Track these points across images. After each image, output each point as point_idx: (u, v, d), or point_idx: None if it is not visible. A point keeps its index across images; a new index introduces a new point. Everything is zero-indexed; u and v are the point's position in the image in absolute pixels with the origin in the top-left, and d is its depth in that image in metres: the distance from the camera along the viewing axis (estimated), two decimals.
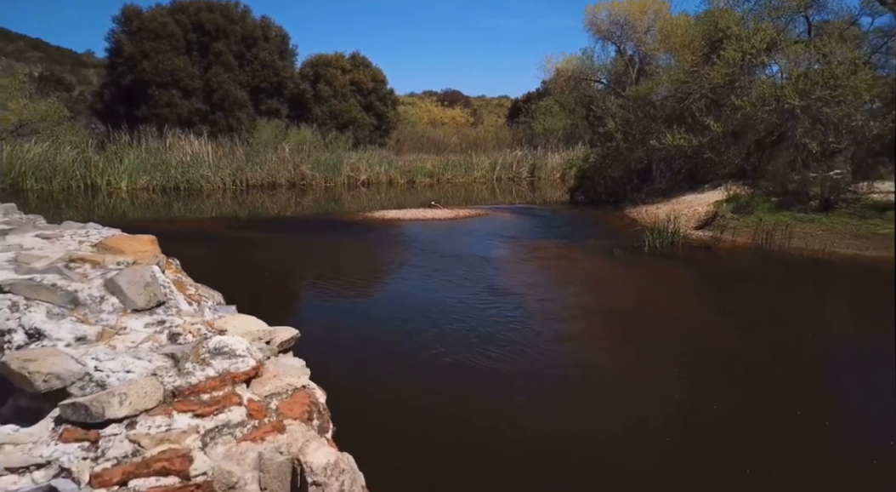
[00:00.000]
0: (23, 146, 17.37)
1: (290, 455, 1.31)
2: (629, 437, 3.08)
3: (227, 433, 1.28)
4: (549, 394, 3.62)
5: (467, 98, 41.54)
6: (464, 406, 3.37)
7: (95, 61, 30.18)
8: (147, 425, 1.21)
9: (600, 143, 15.60)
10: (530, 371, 3.94)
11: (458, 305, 5.51)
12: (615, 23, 24.26)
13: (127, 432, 1.19)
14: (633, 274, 7.28)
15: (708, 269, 7.64)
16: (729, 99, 12.42)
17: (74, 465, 1.14)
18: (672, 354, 4.28)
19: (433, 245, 8.89)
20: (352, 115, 23.44)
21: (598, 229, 10.80)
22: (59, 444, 1.17)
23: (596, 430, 3.17)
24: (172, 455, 1.18)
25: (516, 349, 4.30)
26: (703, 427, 3.19)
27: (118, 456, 1.16)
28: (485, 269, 7.17)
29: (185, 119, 20.52)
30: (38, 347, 1.28)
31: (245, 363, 1.40)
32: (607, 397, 3.65)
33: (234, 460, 1.24)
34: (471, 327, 4.80)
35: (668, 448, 2.94)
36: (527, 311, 5.44)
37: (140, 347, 1.34)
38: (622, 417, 3.32)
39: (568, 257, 8.19)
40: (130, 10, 21.08)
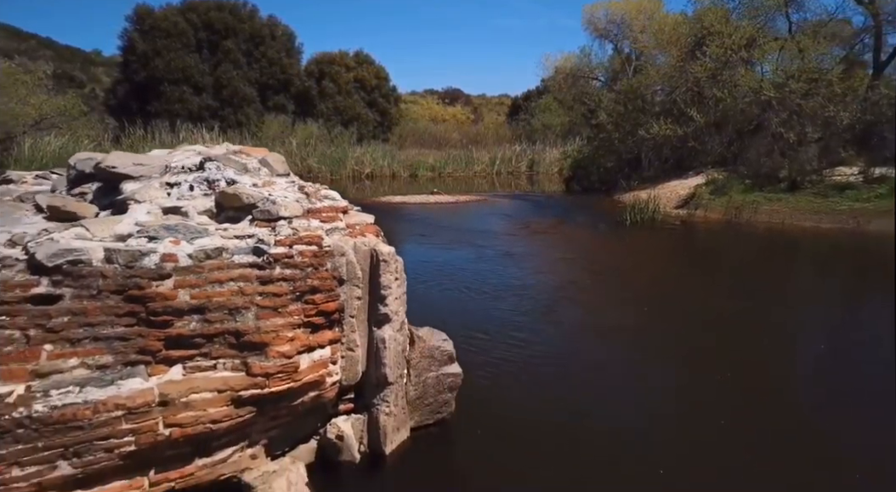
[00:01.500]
0: (43, 139, 18.62)
1: (370, 246, 2.50)
2: (585, 337, 4.28)
3: (337, 232, 2.47)
4: (529, 306, 4.82)
5: (468, 96, 42.85)
6: (464, 303, 4.58)
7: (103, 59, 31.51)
8: (298, 222, 2.39)
9: (593, 134, 16.79)
10: (513, 293, 5.15)
11: (457, 261, 6.71)
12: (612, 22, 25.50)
13: (288, 224, 2.37)
14: (612, 240, 8.47)
15: (678, 236, 8.83)
16: (711, 92, 13.63)
17: (265, 237, 2.32)
18: (633, 290, 5.49)
19: (437, 221, 10.08)
20: (356, 112, 24.67)
21: (588, 211, 11.98)
22: (256, 228, 2.35)
23: (558, 330, 4.37)
24: (313, 235, 2.37)
25: (506, 283, 5.51)
26: (653, 333, 4.39)
27: (286, 234, 2.34)
28: (483, 238, 8.36)
29: (195, 115, 21.73)
30: (237, 186, 2.46)
31: (341, 202, 2.59)
32: (571, 310, 4.85)
33: (343, 242, 2.42)
34: (470, 273, 6.00)
35: (624, 346, 4.14)
36: (516, 264, 6.63)
37: (287, 189, 2.53)
38: (577, 322, 4.52)
39: (557, 230, 9.37)
40: (143, 10, 22.35)
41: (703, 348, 3.99)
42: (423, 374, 2.77)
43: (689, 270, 6.67)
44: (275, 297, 2.26)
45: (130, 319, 2.09)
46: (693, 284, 5.83)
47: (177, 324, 2.12)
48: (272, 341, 2.23)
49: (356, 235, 2.54)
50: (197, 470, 2.18)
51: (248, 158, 2.75)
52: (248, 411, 2.20)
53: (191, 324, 2.14)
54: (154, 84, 21.78)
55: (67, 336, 2.02)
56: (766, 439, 2.75)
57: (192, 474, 2.17)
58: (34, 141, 18.40)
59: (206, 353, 2.17)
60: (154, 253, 2.11)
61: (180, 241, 2.17)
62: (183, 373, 2.14)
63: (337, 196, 2.67)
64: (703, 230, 9.31)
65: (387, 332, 2.55)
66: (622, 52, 25.50)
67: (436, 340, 2.82)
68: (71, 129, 19.30)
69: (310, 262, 2.33)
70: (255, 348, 2.21)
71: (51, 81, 22.65)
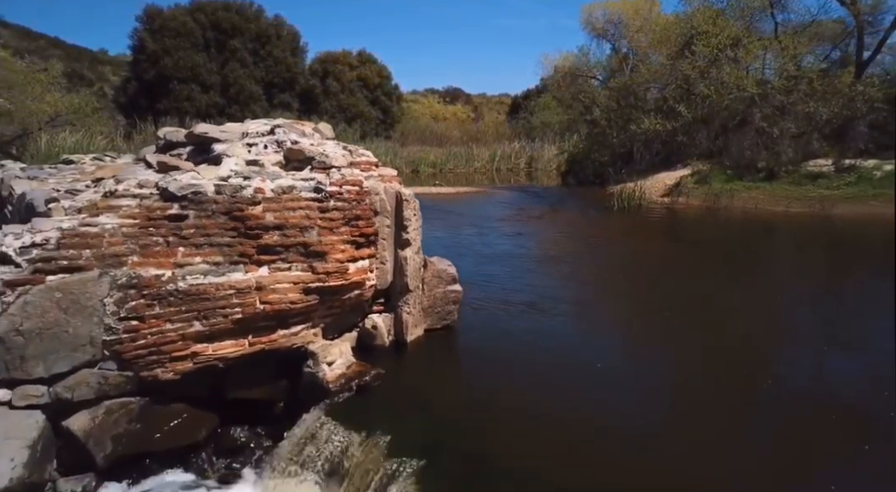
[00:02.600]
0: (58, 135, 19.66)
1: (395, 189, 3.51)
2: (561, 285, 5.29)
3: (372, 178, 3.48)
4: (520, 264, 5.83)
5: (468, 96, 43.90)
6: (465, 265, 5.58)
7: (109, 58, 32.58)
8: (344, 170, 3.40)
9: (589, 130, 17.80)
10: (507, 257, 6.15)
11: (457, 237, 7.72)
12: (610, 21, 26.44)
13: (338, 171, 3.38)
14: (598, 221, 9.48)
15: (657, 218, 9.84)
16: (699, 89, 14.64)
17: (322, 180, 3.32)
18: (609, 255, 6.49)
19: (439, 208, 11.08)
20: (359, 109, 25.71)
21: (580, 200, 12.99)
22: (315, 174, 3.35)
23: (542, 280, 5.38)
24: (356, 179, 3.37)
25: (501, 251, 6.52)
26: (618, 281, 5.40)
27: (337, 178, 3.34)
28: (481, 220, 9.37)
29: (203, 112, 22.72)
30: (300, 144, 3.46)
31: (373, 158, 3.60)
32: (556, 267, 5.85)
33: (376, 185, 3.43)
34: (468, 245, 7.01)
35: (589, 290, 5.14)
36: (510, 239, 7.64)
37: (335, 148, 3.54)
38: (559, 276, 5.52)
39: (551, 215, 10.38)
40: (152, 10, 23.39)
41: (653, 289, 4.99)
42: (433, 289, 3.77)
43: (660, 241, 7.67)
44: (330, 221, 3.26)
45: (234, 232, 3.09)
46: (659, 248, 6.83)
47: (264, 237, 3.13)
48: (329, 251, 3.23)
49: (385, 181, 3.54)
50: (279, 338, 3.18)
51: (303, 126, 3.76)
52: (313, 298, 3.21)
53: (274, 237, 3.14)
54: (163, 82, 22.80)
55: (193, 242, 3.03)
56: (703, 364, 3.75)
57: (275, 340, 3.17)
58: (50, 137, 19.42)
59: (284, 258, 3.17)
60: (249, 187, 3.11)
61: (265, 180, 3.18)
62: (268, 272, 3.14)
63: (371, 155, 3.67)
64: (682, 213, 10.32)
65: (408, 252, 3.55)
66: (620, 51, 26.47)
67: (443, 265, 3.82)
68: (85, 125, 20.32)
69: (354, 197, 3.33)
70: (318, 256, 3.21)
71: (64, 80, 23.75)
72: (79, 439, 2.76)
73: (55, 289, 2.70)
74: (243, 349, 3.09)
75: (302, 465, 2.84)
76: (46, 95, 20.47)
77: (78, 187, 3.34)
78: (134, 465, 2.91)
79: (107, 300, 2.79)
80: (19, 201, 3.36)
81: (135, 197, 3.03)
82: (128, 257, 2.87)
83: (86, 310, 2.74)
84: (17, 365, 2.64)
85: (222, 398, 3.16)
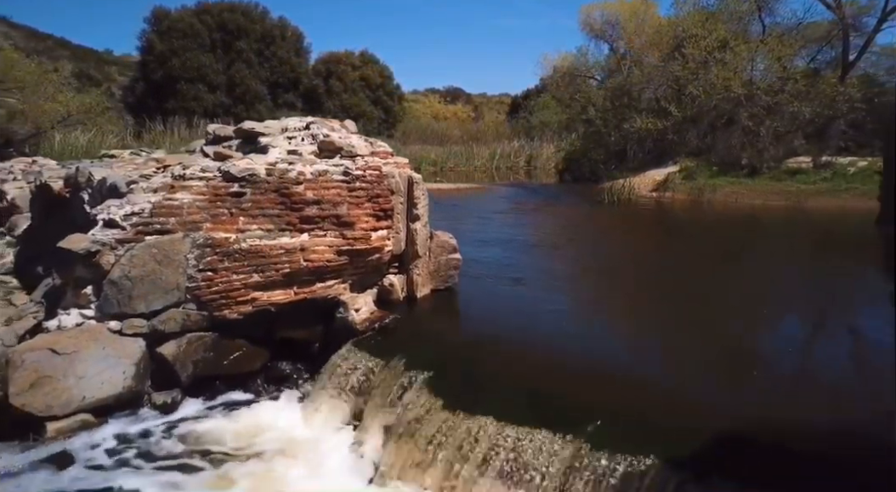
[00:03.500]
0: (70, 134, 20.59)
1: (408, 174, 4.42)
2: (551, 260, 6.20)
3: (389, 164, 4.38)
4: (516, 247, 6.74)
5: (468, 95, 44.87)
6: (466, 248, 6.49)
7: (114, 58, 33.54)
8: (367, 158, 4.30)
9: (585, 128, 18.73)
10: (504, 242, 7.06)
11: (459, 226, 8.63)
12: (608, 23, 27.35)
13: (362, 159, 4.28)
14: (588, 214, 10.40)
15: (643, 209, 10.77)
16: (689, 89, 15.55)
17: (350, 165, 4.22)
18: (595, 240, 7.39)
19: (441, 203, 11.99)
20: (361, 109, 26.61)
21: (574, 195, 13.91)
22: (344, 161, 4.26)
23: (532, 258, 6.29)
24: (376, 165, 4.27)
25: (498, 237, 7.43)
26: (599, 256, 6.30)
27: (361, 164, 4.24)
28: (480, 212, 10.28)
29: (210, 111, 23.62)
30: (331, 137, 4.36)
31: (390, 149, 4.51)
32: (546, 248, 6.76)
33: (392, 170, 4.34)
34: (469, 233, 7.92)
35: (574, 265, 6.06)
36: (508, 226, 8.55)
37: (359, 140, 4.44)
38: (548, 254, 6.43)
39: (546, 208, 11.30)
40: (160, 12, 24.33)
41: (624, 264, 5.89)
42: (437, 256, 4.67)
43: (640, 228, 8.58)
44: (357, 198, 4.16)
45: (281, 206, 3.99)
46: (637, 234, 7.74)
47: (306, 209, 4.03)
48: (356, 222, 4.14)
49: (399, 167, 4.45)
50: (317, 289, 4.09)
51: (332, 123, 4.66)
52: (344, 258, 4.11)
53: (313, 210, 4.04)
54: (171, 82, 23.71)
55: (250, 213, 3.93)
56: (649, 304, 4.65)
57: (314, 291, 4.08)
58: (63, 136, 20.35)
59: (321, 226, 4.07)
60: (293, 170, 4.02)
61: (305, 165, 4.08)
62: (309, 237, 4.05)
63: (387, 146, 4.58)
64: (667, 206, 11.24)
65: (417, 225, 4.46)
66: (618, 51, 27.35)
67: (446, 237, 4.72)
68: (96, 125, 21.24)
69: (375, 179, 4.24)
70: (347, 225, 4.12)
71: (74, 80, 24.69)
72: (168, 362, 3.66)
73: (152, 246, 3.61)
74: (290, 297, 4.00)
75: (336, 385, 3.74)
76: (59, 95, 21.43)
77: (146, 172, 4.25)
78: (207, 385, 3.82)
79: (189, 256, 3.69)
80: (100, 184, 4.25)
81: (201, 179, 3.93)
82: (202, 224, 3.78)
83: (174, 262, 3.65)
84: (126, 303, 3.55)
85: (272, 338, 4.06)
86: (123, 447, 3.28)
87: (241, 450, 3.33)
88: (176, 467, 3.14)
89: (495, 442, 2.87)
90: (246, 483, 3.01)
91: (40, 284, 4.36)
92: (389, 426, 3.30)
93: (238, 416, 3.68)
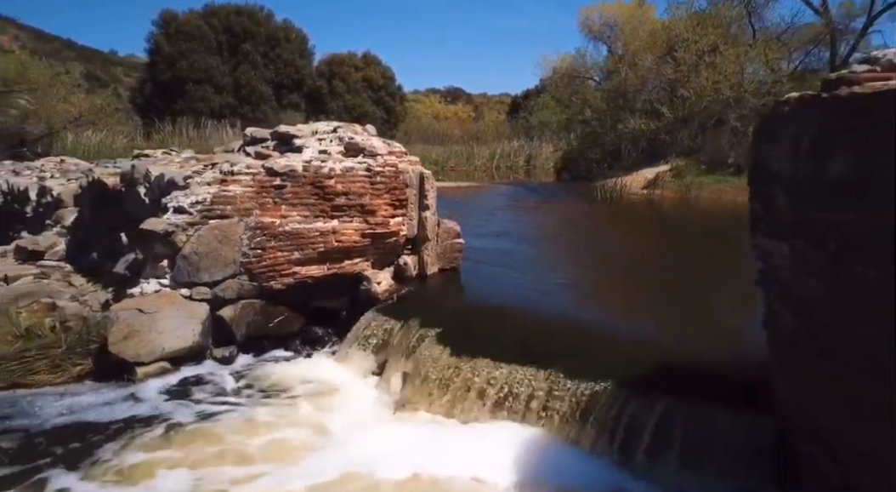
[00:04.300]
0: (83, 134, 21.53)
1: (419, 170, 5.34)
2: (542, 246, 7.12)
3: (403, 162, 5.30)
4: (514, 237, 7.66)
5: (469, 95, 45.82)
6: None
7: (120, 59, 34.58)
8: (385, 157, 5.21)
9: (581, 129, 19.65)
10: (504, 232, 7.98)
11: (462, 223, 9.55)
12: (606, 24, 28.27)
13: (381, 157, 5.19)
14: (581, 209, 11.32)
15: (633, 206, 11.69)
16: (680, 91, 16.47)
17: (371, 162, 5.13)
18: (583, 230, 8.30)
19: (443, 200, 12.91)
20: (364, 109, 27.53)
21: (570, 193, 14.82)
22: (366, 159, 5.17)
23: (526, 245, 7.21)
24: (393, 163, 5.18)
25: (499, 228, 8.34)
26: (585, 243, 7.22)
27: (381, 162, 5.16)
28: (481, 208, 11.19)
29: (216, 112, 24.54)
30: (355, 139, 5.27)
31: (404, 149, 5.42)
32: (541, 237, 7.68)
33: (406, 166, 5.26)
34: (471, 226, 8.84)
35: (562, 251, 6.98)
36: (507, 220, 9.47)
37: (379, 142, 5.35)
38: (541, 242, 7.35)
39: (542, 204, 12.21)
40: (168, 15, 25.26)
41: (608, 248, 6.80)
42: (444, 241, 5.58)
43: (626, 220, 9.50)
44: (377, 190, 5.07)
45: (316, 196, 4.90)
46: (623, 225, 8.65)
47: (335, 200, 4.93)
48: (377, 210, 5.04)
49: (412, 165, 5.36)
50: (345, 266, 5.00)
51: (355, 127, 5.57)
52: (367, 241, 5.03)
53: (342, 200, 4.95)
54: (179, 84, 24.63)
55: (290, 203, 4.84)
56: None
57: (343, 267, 4.99)
58: (75, 136, 21.27)
59: (348, 213, 4.98)
60: (325, 167, 4.92)
61: (335, 162, 4.99)
62: (338, 223, 4.95)
63: (402, 147, 5.48)
64: (655, 202, 12.16)
65: (427, 214, 5.37)
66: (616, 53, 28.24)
67: (451, 224, 5.63)
68: (107, 125, 22.17)
69: (392, 174, 5.14)
70: (370, 213, 5.03)
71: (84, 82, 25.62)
72: (226, 323, 4.57)
73: (214, 228, 4.52)
74: (323, 272, 4.92)
75: (363, 343, 4.64)
76: (70, 97, 22.36)
77: (197, 169, 5.15)
78: (256, 343, 4.73)
79: (243, 236, 4.60)
80: (158, 179, 5.16)
81: (248, 174, 4.84)
82: (253, 211, 4.69)
83: (231, 242, 4.56)
84: (195, 274, 4.46)
85: (308, 306, 4.97)
86: (193, 387, 4.18)
87: (287, 390, 4.24)
88: (235, 401, 4.04)
89: (491, 377, 3.78)
90: (300, 409, 3.91)
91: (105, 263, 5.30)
92: (407, 372, 4.20)
93: (283, 367, 4.59)
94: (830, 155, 2.06)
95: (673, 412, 3.11)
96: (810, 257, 2.20)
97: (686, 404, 3.13)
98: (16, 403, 3.89)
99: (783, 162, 2.32)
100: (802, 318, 2.33)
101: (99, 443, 3.38)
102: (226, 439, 3.45)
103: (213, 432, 3.55)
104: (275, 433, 3.52)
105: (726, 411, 3.00)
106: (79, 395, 4.00)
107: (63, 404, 3.87)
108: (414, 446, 3.38)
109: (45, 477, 3.04)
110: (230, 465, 3.19)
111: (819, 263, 2.16)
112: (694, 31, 16.67)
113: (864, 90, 1.97)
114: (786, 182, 2.30)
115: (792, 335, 2.39)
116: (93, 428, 3.55)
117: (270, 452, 3.33)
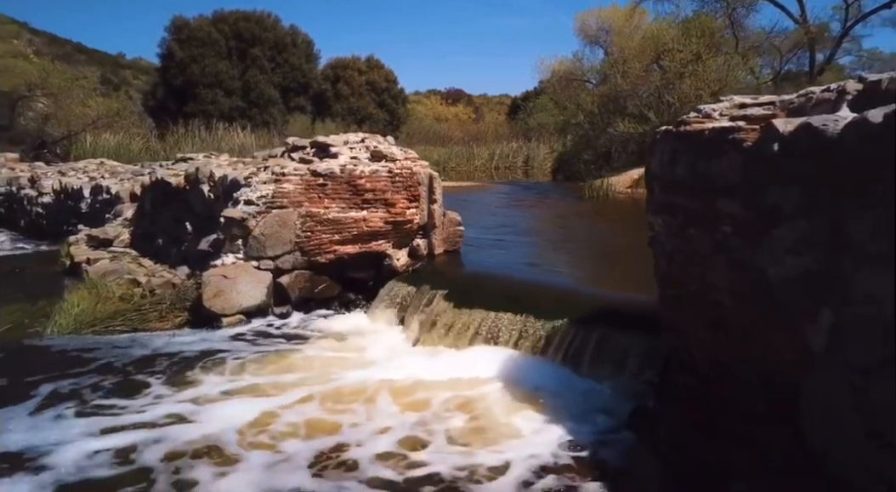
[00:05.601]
0: (100, 136, 23.17)
1: (429, 172, 6.97)
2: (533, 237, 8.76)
3: (416, 165, 6.92)
4: (505, 230, 9.29)
5: (469, 96, 47.48)
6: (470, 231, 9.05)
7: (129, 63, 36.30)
8: (403, 161, 6.83)
9: (574, 131, 21.29)
10: (501, 224, 9.61)
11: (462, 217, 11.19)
12: (602, 29, 29.93)
13: (400, 161, 6.82)
14: (570, 206, 12.95)
15: (615, 202, 13.32)
16: (666, 98, 18.10)
17: (392, 166, 6.76)
18: (568, 223, 9.94)
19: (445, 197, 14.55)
20: (367, 112, 29.22)
21: (562, 192, 16.46)
22: (388, 163, 6.79)
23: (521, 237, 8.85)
24: (409, 165, 6.80)
25: (497, 222, 9.98)
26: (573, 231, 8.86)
27: (399, 165, 6.77)
28: (479, 206, 12.83)
29: (226, 115, 26.20)
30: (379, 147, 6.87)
31: (417, 155, 7.04)
32: (533, 230, 9.32)
33: (419, 169, 6.88)
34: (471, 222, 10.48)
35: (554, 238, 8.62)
36: (505, 215, 11.11)
37: (398, 149, 6.96)
38: (533, 233, 8.99)
39: (535, 202, 13.85)
40: (179, 21, 26.95)
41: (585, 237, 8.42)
42: (448, 228, 7.19)
43: (605, 214, 11.13)
44: (397, 187, 6.68)
45: (350, 192, 6.52)
46: (602, 218, 10.28)
47: (365, 195, 6.55)
48: (397, 203, 6.66)
49: (423, 167, 6.98)
50: (373, 246, 6.62)
51: (378, 137, 7.19)
52: (389, 226, 6.65)
53: (370, 195, 6.56)
54: (190, 87, 26.30)
55: (331, 197, 6.46)
56: None
57: (371, 247, 6.61)
58: (94, 138, 22.89)
59: (375, 206, 6.60)
60: (357, 169, 6.54)
61: (365, 166, 6.60)
62: (367, 213, 6.57)
63: (415, 153, 7.09)
64: (637, 200, 13.76)
65: (435, 206, 6.99)
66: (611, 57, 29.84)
67: (454, 215, 7.25)
68: (123, 127, 23.81)
69: (408, 175, 6.76)
70: (391, 205, 6.64)
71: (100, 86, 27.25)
72: (284, 288, 6.18)
73: (275, 215, 6.13)
74: (356, 250, 6.53)
75: (388, 303, 6.25)
76: (88, 101, 24.00)
77: (253, 170, 6.77)
78: (305, 304, 6.35)
79: (296, 222, 6.22)
80: (222, 179, 6.77)
81: (296, 175, 6.46)
82: (303, 203, 6.30)
83: (288, 226, 6.17)
84: (262, 250, 6.07)
85: (344, 277, 6.59)
86: (262, 331, 5.80)
87: (332, 335, 5.85)
88: (297, 339, 5.65)
89: (482, 321, 5.39)
90: (349, 343, 5.52)
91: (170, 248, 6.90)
92: (422, 321, 5.81)
93: (327, 321, 6.21)
94: (677, 163, 3.68)
95: (607, 336, 4.74)
96: (671, 225, 3.81)
97: (615, 331, 4.75)
98: (136, 340, 5.51)
99: (657, 167, 3.93)
100: (669, 264, 3.93)
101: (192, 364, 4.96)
102: (290, 358, 5.08)
103: (284, 356, 5.17)
104: (332, 354, 5.15)
105: (639, 334, 4.62)
106: (180, 336, 5.62)
107: (170, 341, 5.49)
108: (427, 364, 4.99)
109: (150, 382, 4.66)
110: (298, 372, 4.80)
111: (674, 228, 3.78)
112: (678, 41, 18.30)
113: (692, 129, 3.60)
114: (658, 179, 3.92)
115: (663, 276, 4.00)
116: (190, 355, 5.14)
117: (332, 362, 4.96)
